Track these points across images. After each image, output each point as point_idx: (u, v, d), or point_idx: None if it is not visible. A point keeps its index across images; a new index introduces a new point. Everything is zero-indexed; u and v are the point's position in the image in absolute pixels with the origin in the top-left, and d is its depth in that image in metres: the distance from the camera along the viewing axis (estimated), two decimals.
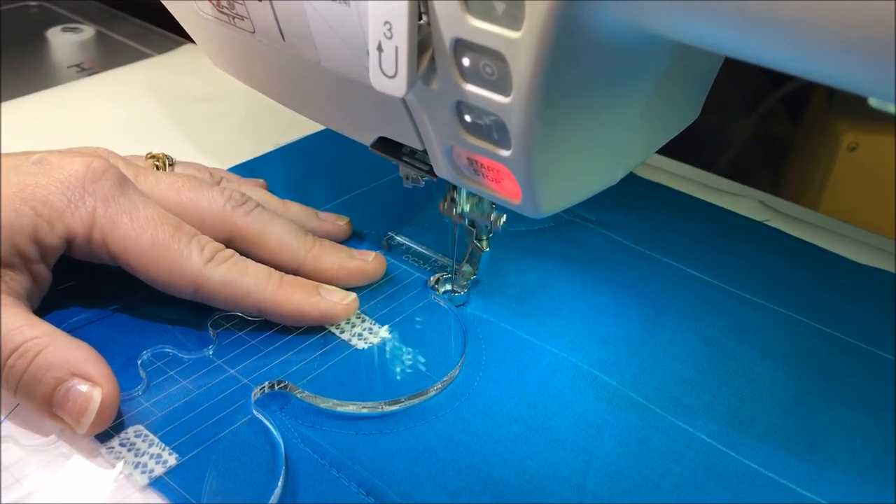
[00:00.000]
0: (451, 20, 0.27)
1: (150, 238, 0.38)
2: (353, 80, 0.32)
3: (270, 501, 0.32)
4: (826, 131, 0.79)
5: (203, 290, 0.39)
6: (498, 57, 0.27)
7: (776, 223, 0.52)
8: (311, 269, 0.42)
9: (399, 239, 0.47)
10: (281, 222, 0.42)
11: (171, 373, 0.38)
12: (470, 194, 0.39)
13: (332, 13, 0.31)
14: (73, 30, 0.69)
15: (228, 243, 0.41)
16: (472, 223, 0.41)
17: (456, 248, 0.42)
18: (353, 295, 0.41)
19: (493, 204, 0.39)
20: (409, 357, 0.40)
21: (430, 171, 0.36)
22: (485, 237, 0.42)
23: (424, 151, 0.35)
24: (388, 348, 0.40)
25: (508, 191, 0.32)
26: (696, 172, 0.59)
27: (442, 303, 0.43)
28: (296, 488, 0.33)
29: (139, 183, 0.40)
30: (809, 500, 0.34)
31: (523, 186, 0.31)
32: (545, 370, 0.39)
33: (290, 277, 0.41)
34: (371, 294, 0.43)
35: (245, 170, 0.53)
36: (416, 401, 0.37)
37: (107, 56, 0.68)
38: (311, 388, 0.37)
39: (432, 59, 0.29)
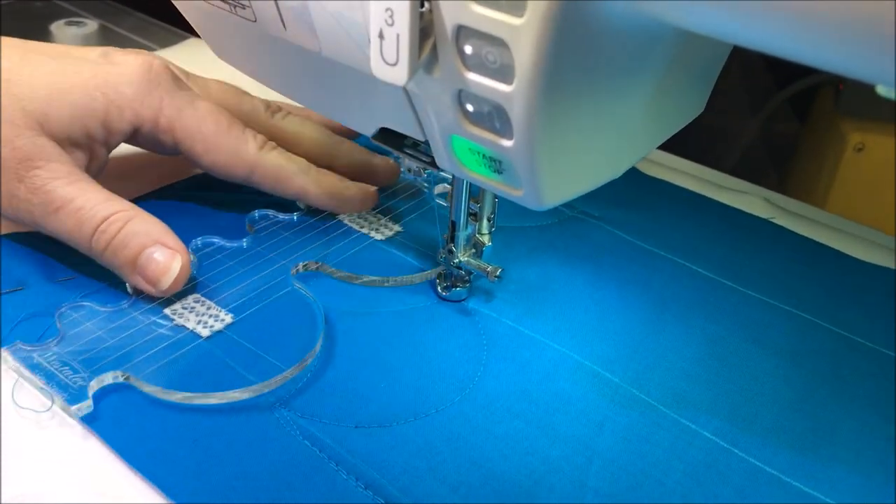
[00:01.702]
0: (454, 6, 0.26)
1: (213, 126, 0.44)
2: (355, 69, 0.32)
3: (316, 347, 0.38)
4: (832, 132, 0.78)
5: (256, 173, 0.45)
6: (500, 44, 0.26)
7: (781, 221, 0.51)
8: (343, 164, 0.48)
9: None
10: (312, 125, 0.49)
11: (219, 256, 0.44)
12: (467, 245, 0.41)
13: (334, 1, 0.30)
14: (77, 24, 0.68)
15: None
16: (474, 215, 0.41)
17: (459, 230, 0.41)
18: (374, 188, 0.48)
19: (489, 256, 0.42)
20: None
21: (432, 163, 0.35)
22: (486, 232, 0.41)
23: (426, 142, 0.34)
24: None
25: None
26: (700, 169, 0.58)
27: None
28: (294, 481, 0.32)
29: (191, 84, 0.46)
30: (813, 497, 0.34)
31: (525, 177, 0.30)
32: (547, 366, 0.39)
33: (324, 170, 0.47)
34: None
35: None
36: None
37: None
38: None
39: (434, 46, 0.28)
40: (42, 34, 0.68)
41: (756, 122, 0.86)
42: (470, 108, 0.30)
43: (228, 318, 0.40)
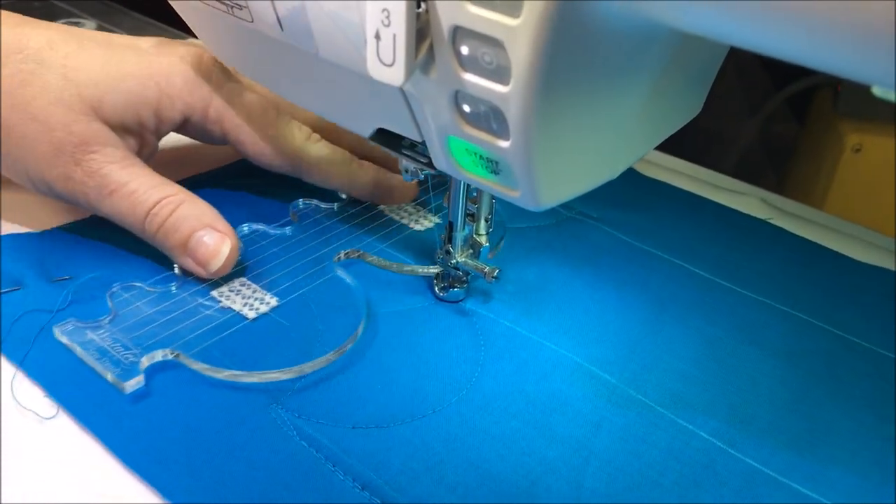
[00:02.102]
0: (450, 7, 0.27)
1: (260, 118, 0.45)
2: (352, 70, 0.32)
3: (357, 331, 0.39)
4: (830, 133, 0.78)
5: (301, 164, 0.46)
6: (496, 45, 0.26)
7: (779, 221, 0.51)
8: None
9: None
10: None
11: (263, 243, 0.46)
12: (465, 246, 0.42)
13: (331, 3, 0.30)
14: (75, 25, 0.69)
15: None
16: (472, 215, 0.41)
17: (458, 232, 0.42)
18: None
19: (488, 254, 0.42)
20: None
21: (430, 164, 0.35)
22: (484, 233, 0.41)
23: (424, 143, 0.34)
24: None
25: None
26: (697, 170, 0.58)
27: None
28: (291, 482, 0.32)
29: (238, 77, 0.47)
30: (810, 498, 0.34)
31: (522, 178, 0.30)
32: (544, 367, 0.39)
33: (366, 162, 0.49)
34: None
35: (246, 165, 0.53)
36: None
37: None
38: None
39: (431, 47, 0.28)
40: None
41: (754, 124, 0.86)
42: (466, 108, 0.30)
43: (273, 301, 0.41)
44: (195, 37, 0.42)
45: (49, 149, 0.40)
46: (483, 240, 0.41)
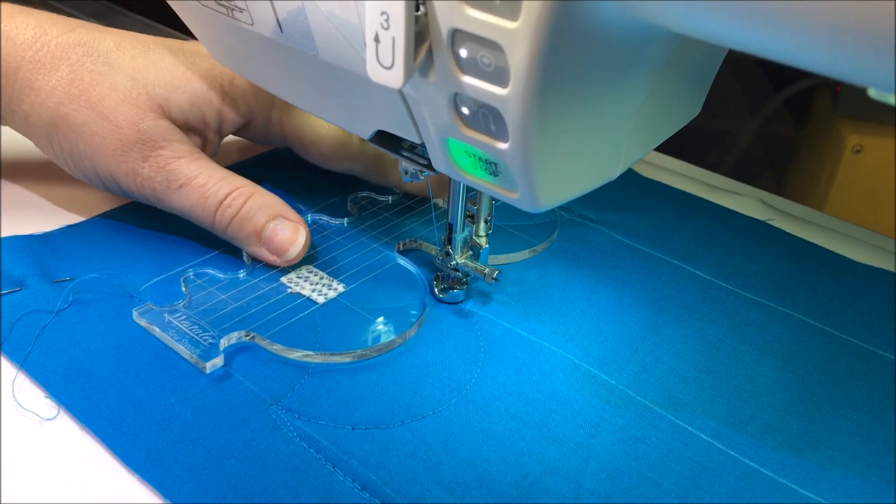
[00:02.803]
0: (449, 10, 0.27)
1: (319, 120, 0.46)
2: (351, 72, 0.32)
3: (420, 318, 0.41)
4: (831, 134, 0.78)
5: (359, 164, 0.48)
6: (495, 48, 0.26)
7: (778, 223, 0.52)
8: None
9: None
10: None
11: (326, 233, 0.47)
12: (465, 247, 0.42)
13: (330, 4, 0.30)
14: None
15: None
16: (471, 216, 0.41)
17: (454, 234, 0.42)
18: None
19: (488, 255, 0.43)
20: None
21: (429, 165, 0.35)
22: (484, 234, 0.42)
23: (423, 145, 0.34)
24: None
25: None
26: (697, 171, 0.58)
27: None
28: (290, 483, 0.33)
29: None
30: (809, 499, 0.34)
31: (521, 180, 0.30)
32: (543, 367, 0.39)
33: None
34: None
35: (252, 163, 0.53)
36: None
37: None
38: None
39: (429, 50, 0.28)
40: None
41: (753, 125, 0.86)
42: (465, 111, 0.30)
43: (340, 287, 0.43)
44: (195, 37, 0.42)
45: (118, 145, 0.42)
46: (483, 241, 0.42)
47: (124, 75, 0.42)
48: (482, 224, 0.41)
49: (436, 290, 0.43)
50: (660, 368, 0.39)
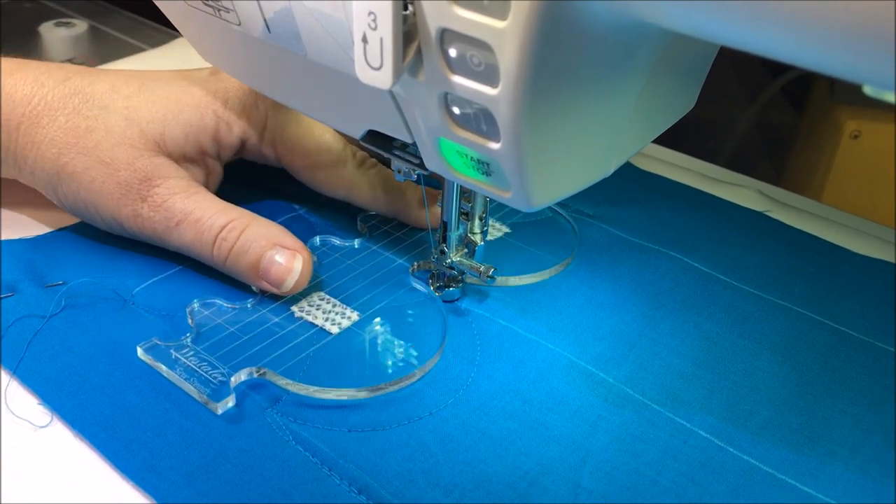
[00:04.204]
0: (437, 10, 0.26)
1: (313, 143, 0.45)
2: (340, 72, 0.32)
3: (440, 348, 0.39)
4: (828, 120, 0.78)
5: (354, 191, 0.46)
6: (485, 47, 0.26)
7: (776, 214, 0.51)
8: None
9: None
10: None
11: (336, 256, 0.45)
12: (460, 245, 0.41)
13: (317, 5, 0.30)
14: (66, 24, 0.68)
15: None
16: (466, 214, 0.40)
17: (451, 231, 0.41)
18: None
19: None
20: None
21: (421, 164, 0.35)
22: (478, 231, 0.41)
23: (415, 144, 0.34)
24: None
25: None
26: (693, 162, 0.58)
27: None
28: (286, 487, 0.32)
29: None
30: (809, 495, 0.33)
31: (513, 179, 0.30)
32: (540, 366, 0.39)
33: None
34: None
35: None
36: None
37: (99, 50, 0.68)
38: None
39: (419, 50, 0.28)
40: (31, 35, 0.67)
41: (751, 113, 0.85)
42: (456, 110, 0.29)
43: (355, 316, 0.41)
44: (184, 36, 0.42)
45: (117, 189, 0.41)
46: (478, 238, 0.41)
47: (119, 116, 0.42)
48: (477, 221, 0.41)
49: (431, 288, 0.43)
50: (657, 365, 0.39)
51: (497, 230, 0.48)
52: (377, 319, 0.41)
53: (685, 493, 0.33)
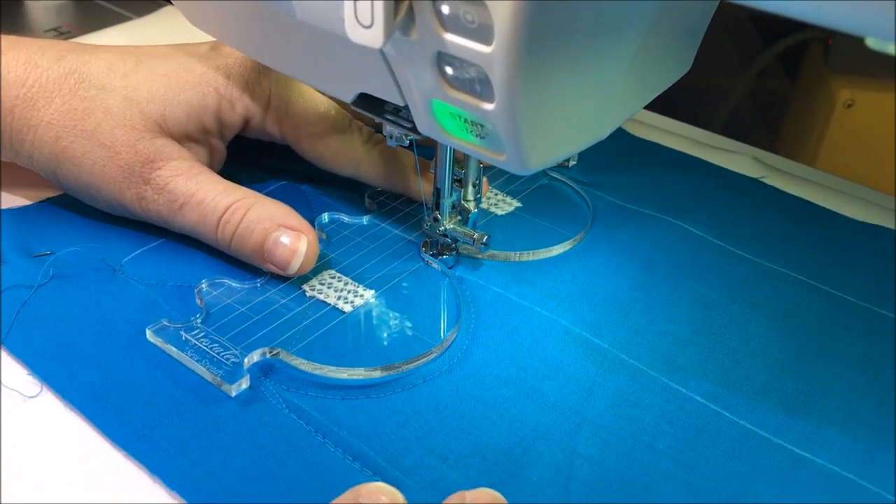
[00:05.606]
0: None
1: (319, 119, 0.44)
2: (330, 32, 0.31)
3: (457, 325, 0.38)
4: (822, 88, 0.77)
5: (361, 168, 0.45)
6: (478, 3, 0.25)
7: (771, 180, 0.51)
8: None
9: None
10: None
11: (345, 233, 0.44)
12: (453, 212, 0.41)
13: None
14: None
15: None
16: (459, 180, 0.40)
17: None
18: None
19: (475, 223, 0.42)
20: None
21: (414, 129, 0.34)
22: (472, 198, 0.41)
23: (407, 108, 0.33)
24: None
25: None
26: (688, 129, 0.57)
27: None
28: (280, 455, 0.32)
29: None
30: (805, 459, 0.33)
31: (508, 141, 0.29)
32: (535, 333, 0.39)
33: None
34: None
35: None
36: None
37: (84, 19, 0.66)
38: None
39: (410, 7, 0.27)
40: (15, 5, 0.66)
41: (745, 80, 0.85)
42: (449, 70, 0.29)
43: (368, 294, 0.40)
44: (172, 3, 0.41)
45: (118, 173, 0.40)
46: (471, 205, 0.41)
47: (117, 96, 0.41)
48: (470, 188, 0.40)
49: (425, 256, 0.42)
50: (653, 331, 0.39)
51: (508, 204, 0.47)
52: (390, 297, 0.40)
53: (681, 458, 0.33)
